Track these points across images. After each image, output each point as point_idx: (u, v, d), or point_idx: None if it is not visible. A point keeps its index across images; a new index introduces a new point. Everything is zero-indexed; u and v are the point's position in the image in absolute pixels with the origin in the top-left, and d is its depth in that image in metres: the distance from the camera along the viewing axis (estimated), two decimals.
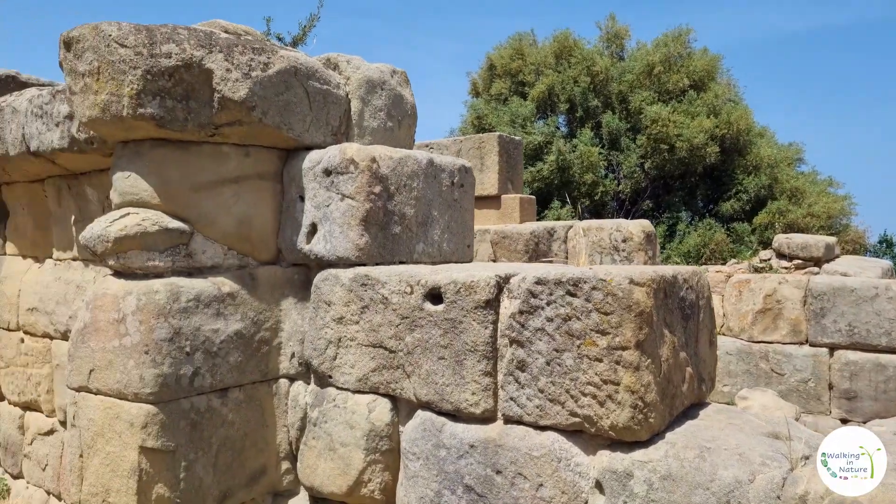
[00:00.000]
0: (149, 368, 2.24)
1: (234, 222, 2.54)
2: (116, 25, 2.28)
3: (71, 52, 2.38)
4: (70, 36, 2.36)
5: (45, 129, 3.23)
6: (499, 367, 1.96)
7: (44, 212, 3.82)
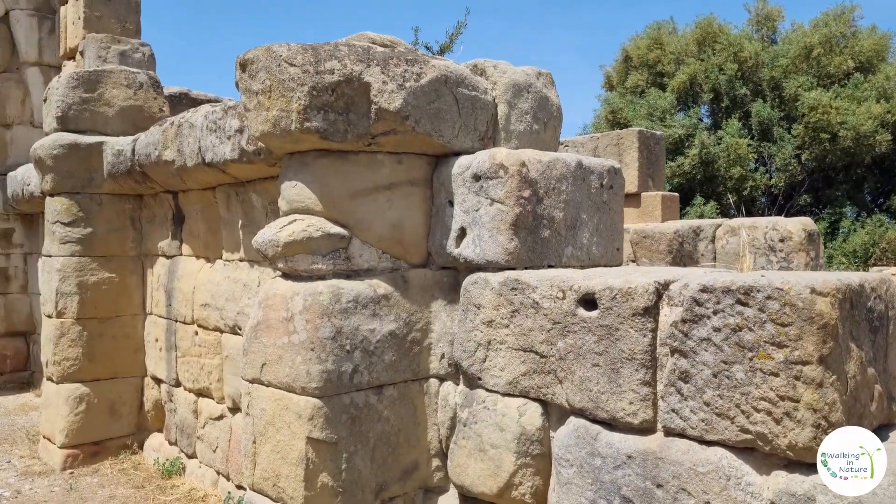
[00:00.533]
0: (314, 365, 2.40)
1: (387, 227, 2.66)
2: (286, 46, 2.46)
3: (246, 72, 2.59)
4: (245, 58, 2.58)
5: (217, 143, 3.55)
6: (658, 376, 1.90)
7: (214, 217, 4.21)
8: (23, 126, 7.07)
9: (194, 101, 5.76)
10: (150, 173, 4.38)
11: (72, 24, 6.58)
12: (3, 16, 6.90)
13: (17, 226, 7.06)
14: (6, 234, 7.04)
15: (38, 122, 7.12)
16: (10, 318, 7.11)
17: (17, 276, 7.12)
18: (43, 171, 4.82)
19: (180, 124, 3.97)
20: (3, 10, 6.88)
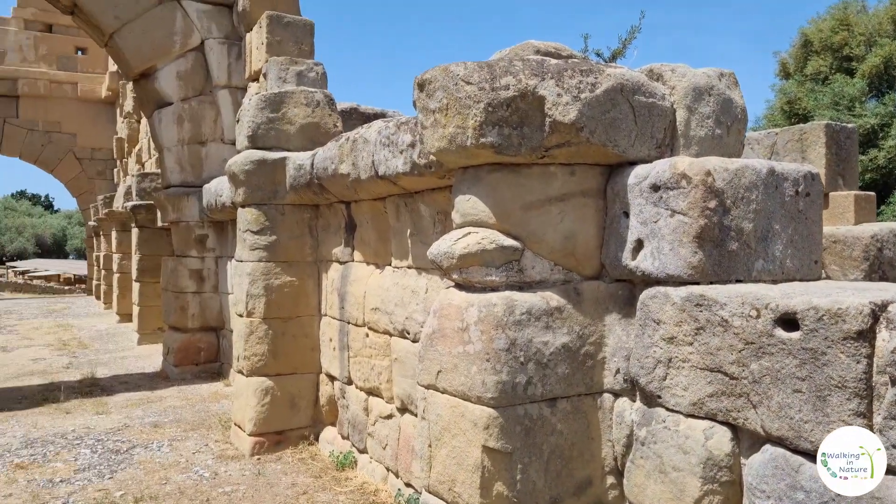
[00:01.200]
0: (490, 375, 2.45)
1: (559, 239, 2.65)
2: (463, 66, 2.53)
3: (423, 92, 2.70)
4: (423, 79, 2.69)
5: (390, 156, 3.74)
6: (875, 408, 1.71)
7: (384, 225, 4.43)
8: (215, 143, 7.90)
9: (362, 115, 6.11)
10: (326, 185, 4.71)
11: (255, 49, 7.25)
12: (199, 45, 7.75)
13: (210, 232, 7.91)
14: (201, 240, 7.90)
15: (227, 138, 7.92)
16: (204, 315, 7.98)
17: (210, 278, 7.97)
18: (236, 185, 5.35)
19: (355, 140, 4.22)
20: (200, 39, 7.73)
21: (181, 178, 7.88)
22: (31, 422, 6.08)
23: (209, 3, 7.72)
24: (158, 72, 7.67)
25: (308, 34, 7.05)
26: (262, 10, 7.11)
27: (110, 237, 14.97)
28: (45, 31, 19.20)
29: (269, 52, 6.84)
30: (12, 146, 18.76)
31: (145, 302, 10.48)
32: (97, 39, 8.03)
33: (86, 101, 19.25)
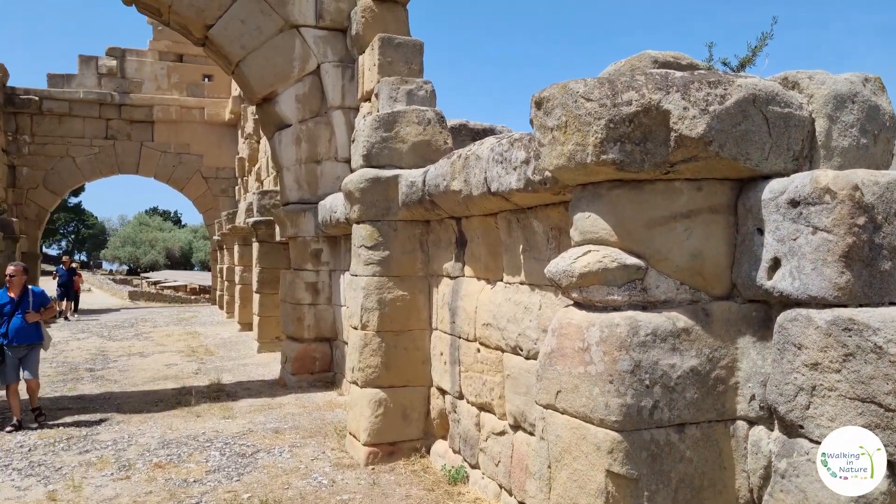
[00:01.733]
0: (613, 397, 2.38)
1: (686, 257, 2.54)
2: (582, 83, 2.50)
3: (541, 110, 2.69)
4: (541, 97, 2.68)
5: (503, 173, 3.74)
6: None
7: (495, 241, 4.44)
8: (329, 161, 8.26)
9: (471, 131, 6.17)
10: (437, 201, 4.79)
11: (367, 70, 7.52)
12: (315, 69, 8.15)
13: (325, 246, 8.25)
14: (316, 254, 8.26)
15: (340, 156, 8.26)
16: (318, 326, 8.32)
17: (324, 290, 8.30)
18: (351, 202, 5.55)
19: (467, 157, 4.27)
20: (316, 63, 8.13)
21: (298, 195, 8.29)
22: (167, 424, 6.57)
23: (325, 29, 8.10)
24: (279, 96, 8.12)
25: (417, 54, 7.24)
26: (374, 33, 7.37)
27: (233, 251, 15.97)
28: (177, 60, 20.89)
29: (381, 73, 7.08)
30: (148, 167, 20.49)
31: (264, 312, 11.08)
32: (224, 68, 8.63)
33: (211, 124, 20.73)
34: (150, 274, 42.62)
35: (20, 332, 6.44)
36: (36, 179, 19.61)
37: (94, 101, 19.80)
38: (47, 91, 19.68)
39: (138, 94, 20.23)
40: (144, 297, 28.34)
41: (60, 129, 19.67)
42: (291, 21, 8.00)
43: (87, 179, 20.60)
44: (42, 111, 19.43)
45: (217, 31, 7.89)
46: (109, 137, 20.09)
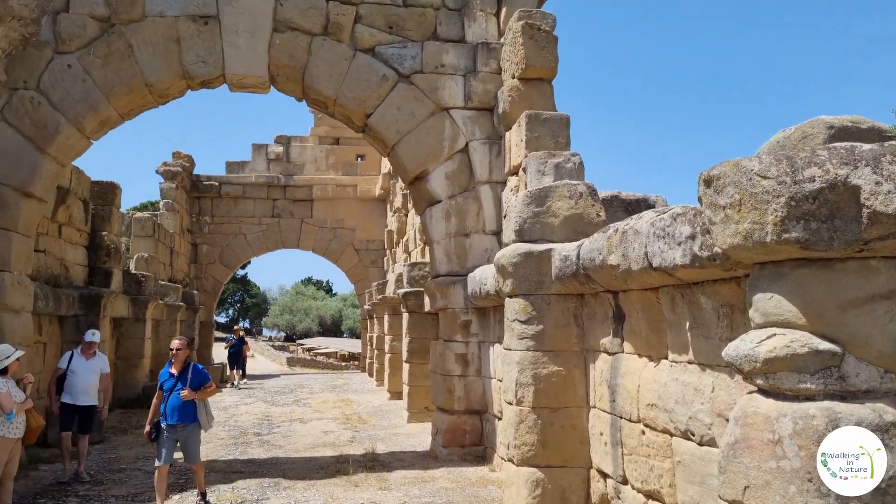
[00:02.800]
0: (814, 498, 2.17)
1: (889, 341, 2.32)
2: (757, 160, 2.43)
3: (711, 188, 2.64)
4: (710, 175, 2.63)
5: (666, 248, 3.65)
6: None
7: (657, 316, 4.29)
8: (477, 234, 8.49)
9: (623, 202, 6.11)
10: (592, 275, 4.75)
11: (514, 145, 7.74)
12: (464, 147, 8.53)
13: (474, 318, 8.39)
14: (466, 325, 8.41)
15: (488, 230, 8.47)
16: (468, 398, 8.37)
17: (474, 362, 8.39)
18: (503, 276, 5.65)
19: (624, 231, 4.23)
20: (465, 142, 8.52)
21: (448, 267, 8.56)
22: (328, 492, 6.83)
23: (472, 109, 8.50)
24: (430, 174, 8.57)
25: (564, 127, 7.36)
26: (520, 110, 7.62)
27: (382, 319, 16.67)
28: (334, 143, 22.79)
29: (528, 148, 7.26)
30: (307, 241, 22.21)
31: (414, 382, 11.36)
32: (381, 150, 9.28)
33: (363, 199, 22.19)
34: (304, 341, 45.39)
35: (177, 410, 5.97)
36: (213, 255, 21.90)
37: (263, 184, 21.99)
38: (225, 177, 22.18)
39: (300, 176, 22.20)
40: (300, 363, 30.14)
41: (235, 209, 21.97)
42: (442, 104, 8.49)
43: (256, 254, 22.63)
44: (221, 195, 21.87)
45: (375, 119, 8.54)
46: (275, 215, 22.09)
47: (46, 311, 9.56)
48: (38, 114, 8.02)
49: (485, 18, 8.62)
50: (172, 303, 16.45)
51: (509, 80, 7.97)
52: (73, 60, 8.10)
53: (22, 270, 8.28)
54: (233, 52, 8.43)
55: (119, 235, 14.30)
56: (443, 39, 8.59)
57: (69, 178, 10.95)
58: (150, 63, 8.26)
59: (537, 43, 7.56)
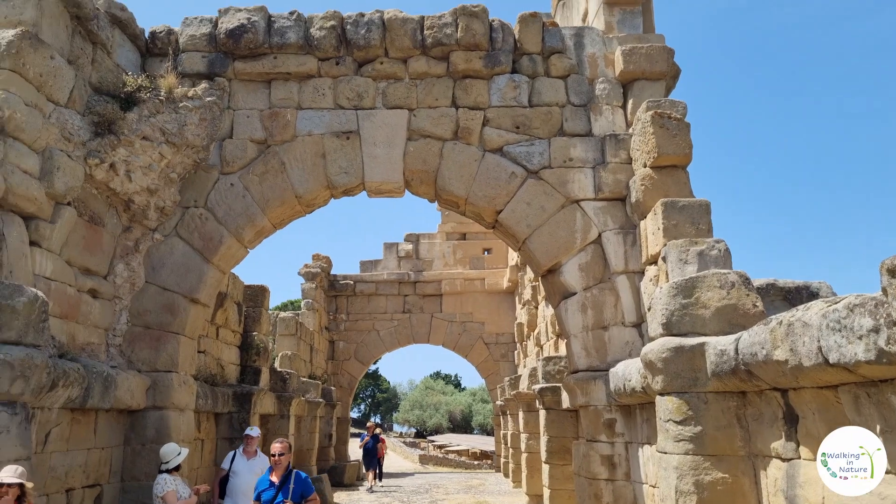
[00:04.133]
0: None
1: None
2: None
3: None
4: (893, 264, 2.39)
5: (844, 342, 3.32)
6: None
7: (837, 417, 3.83)
8: (616, 327, 8.20)
9: (781, 290, 5.69)
10: (755, 371, 4.38)
11: (651, 234, 7.54)
12: (596, 238, 8.44)
13: (618, 416, 7.96)
14: (610, 424, 7.99)
15: (627, 322, 8.17)
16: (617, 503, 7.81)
17: (621, 464, 7.88)
18: (653, 373, 5.36)
19: (790, 323, 3.90)
20: (597, 233, 8.43)
21: (587, 362, 8.28)
22: None
23: (603, 200, 8.46)
24: (563, 266, 8.50)
25: (704, 213, 7.10)
26: (654, 198, 7.47)
27: (516, 416, 16.25)
28: (461, 239, 23.43)
29: (666, 236, 7.04)
30: (437, 336, 22.52)
31: (555, 485, 10.81)
32: (512, 245, 9.39)
33: (491, 293, 22.35)
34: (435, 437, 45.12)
35: None
36: (349, 352, 22.72)
37: (394, 281, 22.84)
38: (359, 275, 23.30)
39: (429, 272, 22.87)
40: (433, 460, 29.86)
41: (369, 306, 22.88)
42: (572, 197, 8.52)
43: (388, 350, 23.21)
44: (355, 292, 22.92)
45: (505, 215, 8.72)
46: (406, 311, 22.72)
47: (205, 408, 10.23)
48: (205, 228, 8.94)
49: (611, 111, 8.72)
50: (312, 399, 17.08)
51: (641, 169, 7.90)
52: (235, 179, 9.04)
53: (187, 371, 8.99)
54: (371, 161, 9.06)
55: (267, 335, 15.27)
56: (569, 134, 8.74)
57: (227, 283, 11.98)
58: (300, 177, 9.04)
59: (668, 131, 7.49)
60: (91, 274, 7.97)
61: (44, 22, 6.81)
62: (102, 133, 7.78)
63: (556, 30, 8.96)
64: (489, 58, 8.85)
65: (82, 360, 6.96)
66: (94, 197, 7.95)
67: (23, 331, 5.27)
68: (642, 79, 8.58)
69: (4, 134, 6.25)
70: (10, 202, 6.36)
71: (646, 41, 8.70)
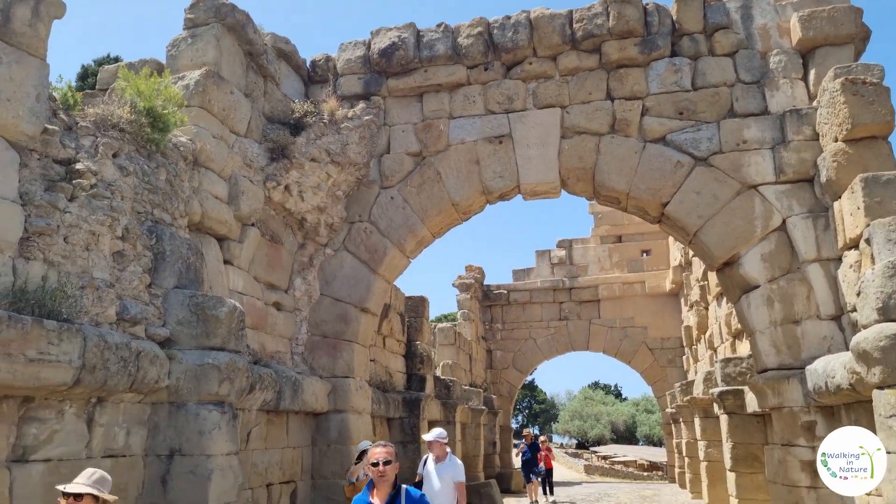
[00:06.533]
0: None
1: None
2: None
3: None
4: None
5: None
6: None
7: None
8: (810, 320, 7.40)
9: None
10: None
11: (849, 215, 6.75)
12: (780, 225, 7.70)
13: (818, 418, 7.15)
14: (809, 427, 7.20)
15: (823, 314, 7.37)
16: None
17: None
18: (868, 364, 4.73)
19: None
20: (781, 219, 7.69)
21: (777, 360, 7.54)
22: None
23: (787, 183, 7.71)
24: (741, 258, 7.85)
25: None
26: (850, 175, 6.67)
27: (690, 423, 15.26)
28: (616, 241, 22.60)
29: (868, 215, 6.25)
30: (597, 343, 21.83)
31: (743, 494, 9.95)
32: (681, 239, 8.84)
33: (652, 296, 21.30)
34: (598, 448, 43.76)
35: None
36: (507, 360, 22.71)
37: (549, 289, 22.52)
38: (513, 284, 23.27)
39: (585, 277, 22.29)
40: (598, 471, 28.95)
41: (524, 315, 22.75)
42: (748, 182, 7.87)
43: (546, 358, 22.87)
44: (509, 302, 22.90)
45: (672, 207, 8.23)
46: (562, 318, 22.29)
47: (379, 413, 10.66)
48: (370, 241, 9.36)
49: (789, 85, 7.95)
50: (475, 406, 17.23)
51: (831, 144, 7.10)
52: (394, 193, 9.38)
53: (362, 377, 9.42)
54: (525, 163, 8.99)
55: (429, 344, 15.67)
56: (741, 115, 8.09)
57: (389, 294, 12.45)
58: (455, 185, 9.18)
59: (863, 98, 6.66)
60: (274, 288, 8.62)
61: (223, 61, 7.51)
62: (277, 158, 8.43)
63: (718, 4, 8.37)
64: (645, 43, 8.46)
65: (273, 366, 7.51)
66: (272, 217, 8.61)
67: (226, 338, 5.76)
68: (825, 45, 7.75)
69: (198, 164, 6.93)
70: (206, 225, 7.04)
71: (826, 3, 7.85)
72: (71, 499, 3.28)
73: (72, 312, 4.67)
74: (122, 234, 5.41)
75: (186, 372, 5.49)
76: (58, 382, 4.32)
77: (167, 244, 5.88)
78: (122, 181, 5.51)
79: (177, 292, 5.82)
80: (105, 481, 3.42)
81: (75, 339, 4.41)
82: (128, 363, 4.90)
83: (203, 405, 5.50)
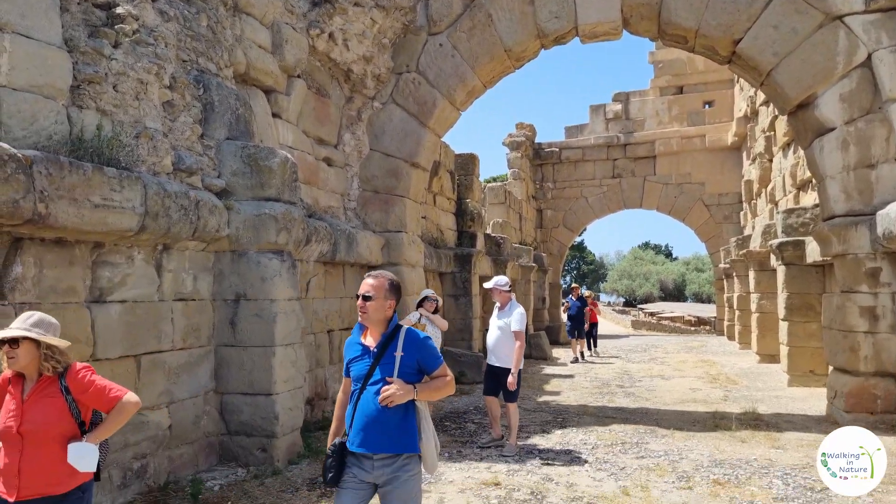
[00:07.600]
0: None
1: None
2: None
3: None
4: None
5: None
6: None
7: None
8: (887, 164, 6.94)
9: None
10: None
11: None
12: (864, 60, 7.03)
13: (885, 264, 6.92)
14: (873, 273, 7.00)
15: None
16: (878, 358, 6.98)
17: (885, 316, 6.95)
18: None
19: None
20: (866, 53, 7.01)
21: (846, 206, 7.21)
22: (712, 444, 6.40)
23: (877, 12, 6.92)
24: (818, 98, 7.29)
25: None
26: None
27: (744, 278, 15.18)
28: (677, 93, 21.40)
29: None
30: (651, 200, 21.42)
31: (795, 343, 10.01)
32: (753, 80, 8.24)
33: (712, 150, 20.45)
34: (645, 305, 44.50)
35: (371, 423, 2.87)
36: (557, 220, 22.65)
37: (602, 145, 21.85)
38: (565, 142, 22.65)
39: (641, 132, 21.45)
40: (645, 326, 29.62)
41: (575, 173, 22.33)
42: (833, 13, 7.11)
43: (597, 216, 22.69)
44: (561, 160, 22.42)
45: (746, 44, 7.59)
46: (615, 176, 21.80)
47: (431, 267, 10.90)
48: (418, 92, 9.05)
49: None
50: (525, 264, 17.47)
51: None
52: (443, 39, 8.91)
53: (414, 231, 9.53)
54: (584, 1, 8.32)
55: (479, 202, 15.65)
56: None
57: (439, 152, 12.27)
58: (508, 28, 8.63)
59: None
60: (324, 143, 8.55)
61: None
62: (319, 2, 8.01)
63: None
64: None
65: (327, 220, 7.63)
66: (317, 69, 8.35)
67: (280, 188, 5.80)
68: None
69: (238, 10, 6.63)
70: (252, 76, 6.87)
71: None
72: (6, 346, 2.67)
73: (129, 161, 4.71)
74: (169, 84, 5.33)
75: (245, 222, 5.60)
76: (124, 228, 4.45)
77: (215, 94, 5.79)
78: (163, 27, 5.34)
79: (229, 143, 5.81)
80: (46, 323, 2.75)
81: (136, 186, 4.48)
82: (188, 212, 5.01)
83: (263, 254, 5.66)
